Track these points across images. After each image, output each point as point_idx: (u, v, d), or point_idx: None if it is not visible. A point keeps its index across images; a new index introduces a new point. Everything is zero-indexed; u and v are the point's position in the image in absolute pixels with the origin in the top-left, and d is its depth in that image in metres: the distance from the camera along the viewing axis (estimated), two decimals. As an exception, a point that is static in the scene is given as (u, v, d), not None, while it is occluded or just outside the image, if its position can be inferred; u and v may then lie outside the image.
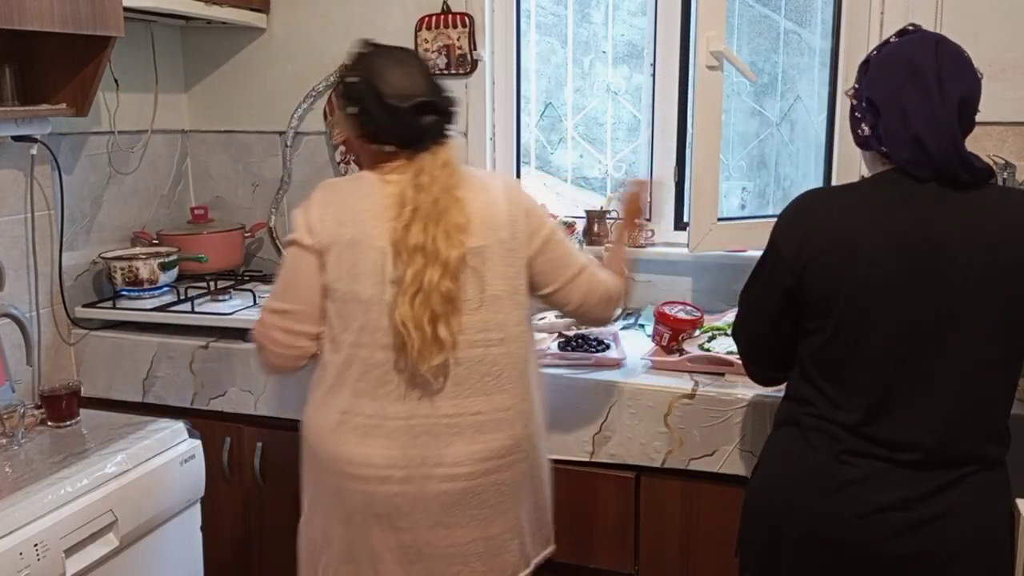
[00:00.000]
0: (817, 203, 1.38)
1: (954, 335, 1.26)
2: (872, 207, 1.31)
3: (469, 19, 2.36)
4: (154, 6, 2.12)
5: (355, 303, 1.44)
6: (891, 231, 1.29)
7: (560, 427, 1.85)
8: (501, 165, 2.48)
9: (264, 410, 2.10)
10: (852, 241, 1.30)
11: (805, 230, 1.35)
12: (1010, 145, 2.02)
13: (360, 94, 1.46)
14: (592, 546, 1.88)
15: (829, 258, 1.31)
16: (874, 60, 1.38)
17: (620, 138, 2.58)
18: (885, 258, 1.28)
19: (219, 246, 2.50)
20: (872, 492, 1.28)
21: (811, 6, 2.38)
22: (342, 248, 1.44)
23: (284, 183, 2.64)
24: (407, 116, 1.45)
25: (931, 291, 1.26)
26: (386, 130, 1.47)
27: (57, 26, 1.82)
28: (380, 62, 1.48)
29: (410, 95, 1.45)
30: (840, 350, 1.32)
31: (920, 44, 1.34)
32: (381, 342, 1.44)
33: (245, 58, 2.62)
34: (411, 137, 1.47)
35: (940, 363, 1.27)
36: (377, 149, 1.50)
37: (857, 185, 1.42)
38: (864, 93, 1.37)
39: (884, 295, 1.28)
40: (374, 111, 1.45)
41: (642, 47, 2.45)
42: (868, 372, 1.30)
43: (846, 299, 1.29)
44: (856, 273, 1.28)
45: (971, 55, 1.36)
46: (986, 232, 1.27)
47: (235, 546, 2.20)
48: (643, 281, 2.37)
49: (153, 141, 2.57)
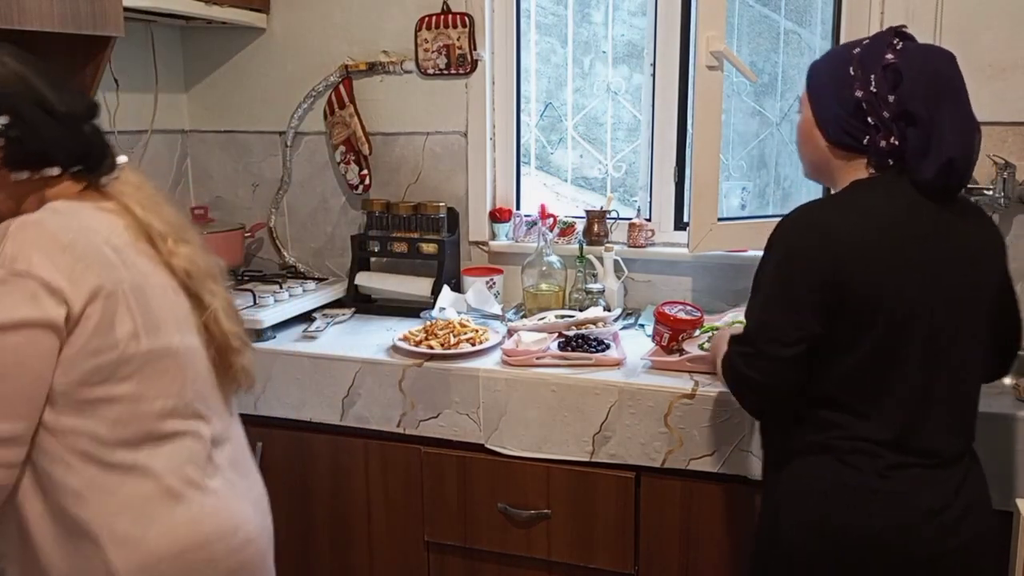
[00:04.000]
0: (832, 217, 1.31)
1: (957, 346, 1.32)
2: (893, 220, 1.29)
3: (469, 19, 2.36)
4: (154, 6, 2.12)
5: (171, 359, 1.21)
6: (914, 244, 1.28)
7: (560, 427, 1.85)
8: (501, 165, 2.48)
9: (264, 410, 2.10)
10: (884, 256, 1.27)
11: (834, 246, 1.27)
12: (1010, 145, 2.02)
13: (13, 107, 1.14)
14: (592, 546, 1.88)
15: (866, 275, 1.27)
16: (905, 69, 1.29)
17: (620, 138, 2.58)
18: (913, 271, 1.28)
19: (219, 246, 2.49)
20: (919, 499, 1.30)
21: (811, 6, 2.38)
22: (123, 296, 1.15)
23: (284, 183, 2.64)
24: (77, 129, 1.21)
25: (944, 302, 1.30)
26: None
27: (57, 26, 1.82)
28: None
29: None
30: (877, 367, 1.29)
31: (942, 57, 1.32)
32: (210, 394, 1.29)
33: (245, 58, 2.62)
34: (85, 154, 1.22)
35: (950, 372, 1.32)
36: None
37: (863, 195, 1.33)
38: (902, 104, 1.28)
39: (914, 309, 1.28)
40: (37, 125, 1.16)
41: (642, 47, 2.45)
42: (906, 386, 1.29)
43: (887, 313, 1.27)
44: (892, 287, 1.27)
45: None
46: (972, 245, 1.34)
47: (235, 546, 2.20)
48: (643, 281, 2.37)
49: (153, 141, 2.57)
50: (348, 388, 2.02)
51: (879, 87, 1.30)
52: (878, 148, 1.32)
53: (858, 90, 1.32)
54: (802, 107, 1.45)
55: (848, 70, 1.34)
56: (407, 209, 2.44)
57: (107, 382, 1.14)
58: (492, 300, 2.32)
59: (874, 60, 1.32)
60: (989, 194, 2.00)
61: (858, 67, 1.33)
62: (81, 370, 1.12)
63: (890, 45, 1.33)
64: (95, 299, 1.11)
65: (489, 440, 1.92)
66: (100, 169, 1.23)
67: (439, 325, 2.08)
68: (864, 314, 1.27)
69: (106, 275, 1.13)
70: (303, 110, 2.57)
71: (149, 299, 1.18)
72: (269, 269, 2.65)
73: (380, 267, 2.55)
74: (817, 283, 1.28)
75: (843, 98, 1.34)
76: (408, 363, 1.96)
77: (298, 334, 2.18)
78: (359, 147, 2.47)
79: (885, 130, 1.31)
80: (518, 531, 1.92)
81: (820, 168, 1.44)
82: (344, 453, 2.06)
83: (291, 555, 2.17)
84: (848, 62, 1.35)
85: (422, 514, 2.01)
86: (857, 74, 1.33)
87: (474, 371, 1.91)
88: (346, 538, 2.10)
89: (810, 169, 1.49)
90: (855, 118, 1.33)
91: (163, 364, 1.19)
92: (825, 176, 1.45)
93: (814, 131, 1.40)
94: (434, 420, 1.96)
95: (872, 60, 1.32)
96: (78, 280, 1.10)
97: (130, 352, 1.15)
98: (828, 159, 1.40)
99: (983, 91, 2.01)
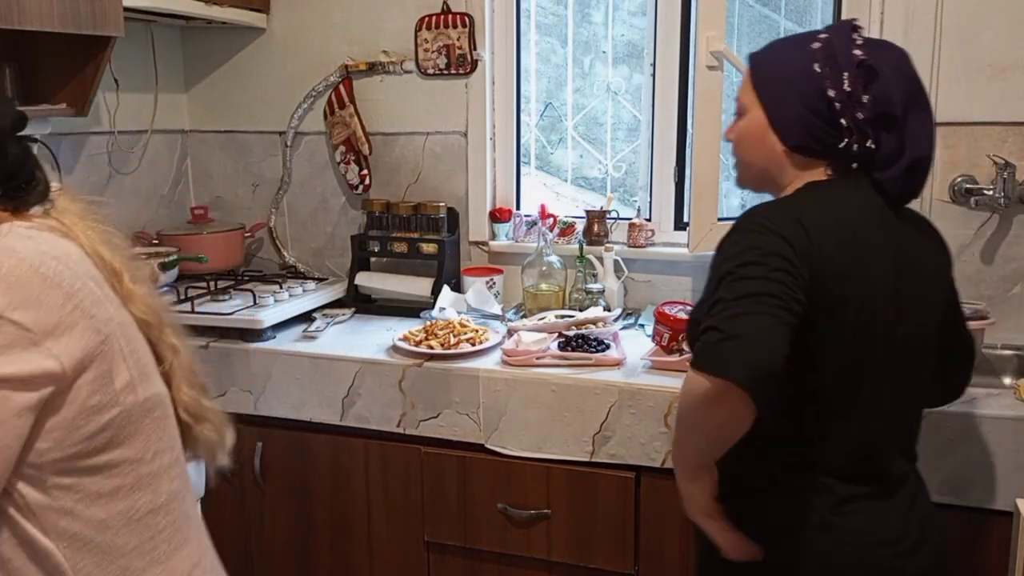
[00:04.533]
0: (802, 217, 1.15)
1: (913, 365, 1.24)
2: (854, 226, 1.17)
3: (469, 19, 2.36)
4: (154, 6, 2.12)
5: (160, 408, 1.01)
6: (876, 253, 1.18)
7: (560, 427, 1.85)
8: (501, 165, 2.48)
9: (264, 410, 2.10)
10: (849, 260, 1.15)
11: (804, 247, 1.12)
12: (1010, 145, 2.02)
13: None
14: (592, 546, 1.88)
15: (835, 282, 1.13)
16: (879, 67, 1.18)
17: (620, 138, 2.58)
18: (876, 280, 1.17)
19: (219, 246, 2.50)
20: (874, 533, 1.21)
21: (811, 6, 2.38)
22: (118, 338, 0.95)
23: (284, 183, 2.64)
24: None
25: (902, 314, 1.20)
26: None
27: (57, 26, 1.82)
28: None
29: None
30: (839, 384, 1.17)
31: (905, 54, 1.22)
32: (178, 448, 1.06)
33: (245, 58, 2.62)
34: None
35: (907, 391, 1.24)
36: None
37: (824, 194, 1.21)
38: (878, 105, 1.17)
39: (876, 318, 1.16)
40: None
41: (642, 47, 2.45)
42: (864, 407, 1.19)
43: (852, 320, 1.15)
44: (857, 293, 1.15)
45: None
46: (927, 257, 1.26)
47: (235, 546, 2.20)
48: (643, 281, 2.37)
49: (153, 141, 2.57)
50: (348, 388, 2.02)
51: (853, 86, 1.18)
52: (849, 152, 1.20)
53: (829, 89, 1.18)
54: (745, 109, 1.28)
55: (812, 66, 1.20)
56: (407, 209, 2.44)
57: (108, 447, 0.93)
58: (492, 300, 2.32)
59: (843, 56, 1.19)
60: (989, 194, 2.00)
61: (824, 64, 1.20)
62: (80, 435, 0.91)
63: (853, 40, 1.21)
64: (91, 350, 0.90)
65: (489, 440, 1.92)
66: (27, 196, 0.98)
67: (439, 325, 2.08)
68: (831, 320, 1.14)
69: (99, 314, 0.92)
70: (303, 110, 2.57)
71: (133, 339, 0.98)
72: (269, 269, 2.65)
73: (380, 267, 2.55)
74: (800, 283, 1.12)
75: (808, 98, 1.20)
76: (408, 363, 1.96)
77: (298, 334, 2.18)
78: (359, 147, 2.47)
79: (859, 133, 1.19)
80: (518, 531, 1.92)
81: (767, 176, 1.28)
82: (344, 453, 2.06)
83: (291, 555, 2.17)
84: (811, 58, 1.21)
85: (422, 514, 2.01)
86: (825, 71, 1.19)
87: (474, 371, 1.91)
88: (346, 538, 2.10)
89: (753, 178, 1.32)
90: (823, 120, 1.19)
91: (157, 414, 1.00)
92: (770, 185, 1.29)
93: (767, 135, 1.24)
94: (434, 420, 1.96)
95: (841, 56, 1.19)
96: (70, 325, 0.88)
97: (128, 405, 0.95)
98: (782, 165, 1.25)
99: (983, 91, 2.01)
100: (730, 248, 1.15)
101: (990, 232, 2.07)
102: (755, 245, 1.12)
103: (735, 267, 1.11)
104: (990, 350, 2.00)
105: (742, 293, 1.07)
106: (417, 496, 2.01)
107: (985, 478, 1.61)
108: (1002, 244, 2.06)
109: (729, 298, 1.07)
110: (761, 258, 1.10)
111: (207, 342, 2.14)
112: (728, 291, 1.09)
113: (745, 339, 1.04)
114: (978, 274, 2.08)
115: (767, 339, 1.04)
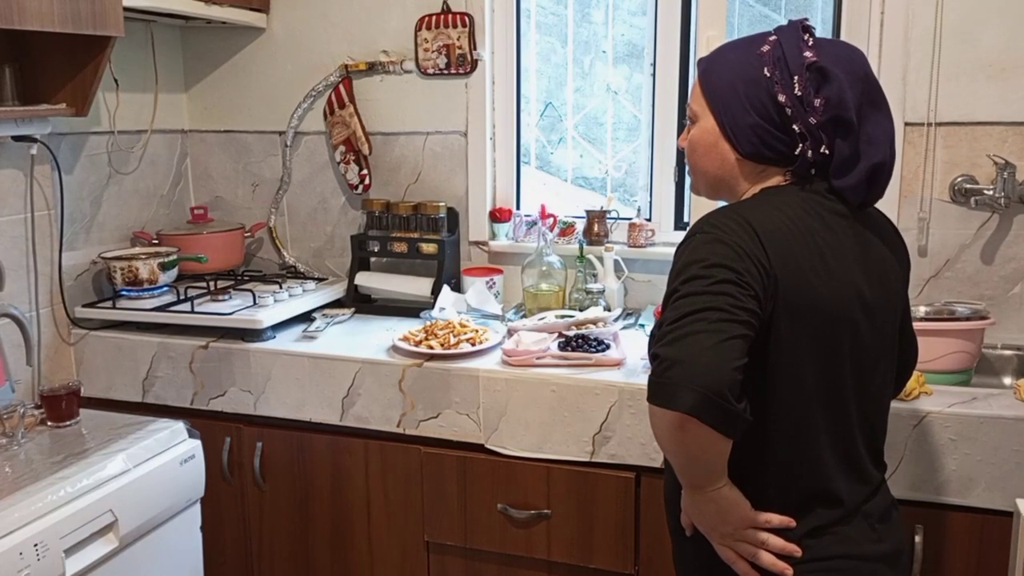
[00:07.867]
0: (752, 222, 1.12)
1: (878, 370, 1.21)
2: (812, 229, 1.14)
3: (469, 19, 2.36)
4: (154, 6, 2.12)
5: None
6: (835, 257, 1.14)
7: (560, 427, 1.85)
8: (501, 165, 2.48)
9: (264, 410, 2.10)
10: (807, 264, 1.12)
11: (754, 251, 1.09)
12: (1010, 145, 2.02)
13: None
14: (592, 546, 1.88)
15: (794, 285, 1.10)
16: (831, 68, 1.14)
17: (620, 138, 2.58)
18: (837, 283, 1.14)
19: (219, 246, 2.50)
20: (861, 545, 1.19)
21: (811, 6, 2.38)
22: None
23: (284, 183, 2.64)
24: None
25: (875, 316, 1.18)
26: None
27: (57, 26, 1.82)
28: None
29: None
30: (799, 396, 1.14)
31: (860, 54, 1.18)
32: None
33: (245, 58, 2.62)
34: None
35: (871, 399, 1.21)
36: None
37: (779, 200, 1.17)
38: (831, 108, 1.13)
39: (840, 321, 1.14)
40: None
41: (642, 47, 2.45)
42: (830, 431, 1.16)
43: (816, 329, 1.12)
44: (817, 297, 1.12)
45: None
46: (886, 260, 1.23)
47: (235, 546, 2.20)
48: (643, 281, 2.37)
49: (153, 141, 2.57)
50: (348, 388, 2.01)
51: (804, 90, 1.14)
52: (804, 159, 1.17)
53: (780, 94, 1.15)
54: (696, 116, 1.25)
55: (761, 71, 1.16)
56: (407, 209, 2.44)
57: None
58: (492, 300, 2.32)
59: (793, 59, 1.16)
60: (989, 194, 2.00)
61: (774, 67, 1.16)
62: None
63: (804, 41, 1.17)
64: None
65: (489, 440, 1.92)
66: None
67: (439, 325, 2.08)
68: (793, 324, 1.11)
69: None
70: (303, 110, 2.57)
71: None
72: (269, 269, 2.65)
73: (380, 267, 2.55)
74: (753, 292, 1.08)
75: (759, 104, 1.16)
76: (408, 363, 1.96)
77: (298, 334, 2.18)
78: (359, 147, 2.47)
79: (813, 139, 1.15)
80: (518, 531, 1.92)
81: (722, 184, 1.25)
82: (344, 453, 2.06)
83: (291, 555, 2.17)
84: (760, 61, 1.17)
85: (422, 514, 2.01)
86: (775, 75, 1.16)
87: (474, 371, 1.91)
88: (346, 538, 2.10)
89: (707, 186, 1.28)
90: (775, 127, 1.16)
91: None
92: (726, 193, 1.27)
93: (720, 144, 1.21)
94: (434, 420, 1.96)
95: (790, 58, 1.16)
96: None
97: None
98: (736, 174, 1.22)
99: (983, 91, 2.01)
100: (676, 262, 1.13)
101: (990, 232, 2.07)
102: (697, 258, 1.09)
103: (679, 284, 1.09)
104: (990, 350, 2.00)
105: (684, 312, 1.05)
106: (417, 496, 2.01)
107: (985, 478, 1.61)
108: (1002, 244, 2.06)
109: (671, 319, 1.06)
110: (703, 271, 1.07)
111: (207, 342, 2.14)
112: (672, 311, 1.07)
113: (688, 363, 1.01)
114: (978, 274, 2.08)
115: (710, 359, 1.00)
